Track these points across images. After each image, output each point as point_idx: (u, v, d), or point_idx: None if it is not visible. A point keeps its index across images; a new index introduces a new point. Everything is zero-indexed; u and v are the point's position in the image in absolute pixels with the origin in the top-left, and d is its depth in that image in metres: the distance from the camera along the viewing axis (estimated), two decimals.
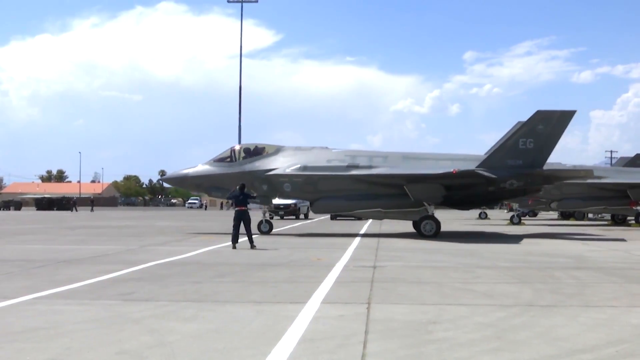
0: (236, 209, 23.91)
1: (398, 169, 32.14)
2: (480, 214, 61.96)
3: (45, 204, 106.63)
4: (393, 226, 41.62)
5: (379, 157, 33.19)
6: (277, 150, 33.51)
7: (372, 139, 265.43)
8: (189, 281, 14.14)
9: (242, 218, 23.61)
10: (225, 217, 58.88)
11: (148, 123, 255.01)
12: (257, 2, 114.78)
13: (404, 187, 30.58)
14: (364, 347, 8.04)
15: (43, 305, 10.90)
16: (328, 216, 58.42)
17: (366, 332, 8.82)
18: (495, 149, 32.95)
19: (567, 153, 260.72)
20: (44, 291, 12.31)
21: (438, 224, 30.78)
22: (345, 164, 32.37)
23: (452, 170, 29.04)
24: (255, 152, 33.32)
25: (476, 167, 30.92)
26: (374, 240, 27.98)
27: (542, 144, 31.30)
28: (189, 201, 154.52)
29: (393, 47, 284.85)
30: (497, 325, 9.47)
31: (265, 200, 33.40)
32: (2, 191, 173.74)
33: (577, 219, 56.82)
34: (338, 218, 54.51)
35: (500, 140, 35.87)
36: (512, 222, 46.89)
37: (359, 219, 43.19)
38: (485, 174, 29.52)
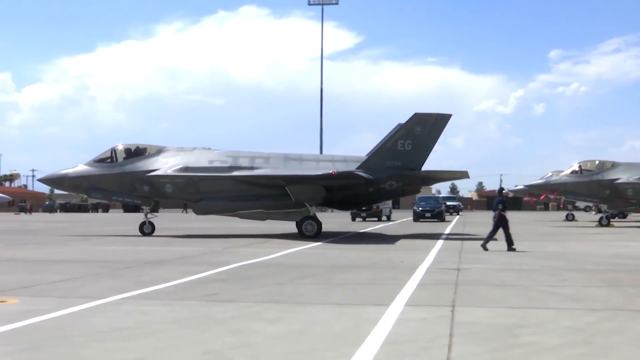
0: (500, 212, 23.60)
1: (280, 169, 32.15)
2: (567, 216, 60.55)
3: (132, 206, 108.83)
4: (477, 228, 41.12)
5: (261, 158, 33.18)
6: (159, 150, 33.26)
7: (454, 140, 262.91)
8: (272, 282, 14.21)
9: (503, 221, 23.51)
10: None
11: (230, 126, 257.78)
12: (337, 4, 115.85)
13: (286, 188, 30.44)
14: (449, 350, 7.92)
15: (130, 305, 11.10)
16: (410, 218, 58.12)
17: (450, 335, 8.69)
18: (375, 151, 33.15)
19: None
20: (131, 292, 12.52)
21: (319, 224, 30.76)
22: (227, 164, 32.30)
23: (331, 171, 29.05)
24: (137, 153, 32.99)
25: (356, 168, 31.09)
26: (458, 242, 27.68)
27: (420, 145, 32.10)
28: None
29: (476, 46, 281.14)
30: (585, 329, 9.22)
31: (146, 201, 33.23)
32: None
33: None
34: (421, 220, 54.21)
35: (380, 142, 35.59)
36: (600, 223, 45.74)
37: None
38: (364, 175, 29.63)
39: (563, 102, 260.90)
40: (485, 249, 22.63)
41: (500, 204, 23.26)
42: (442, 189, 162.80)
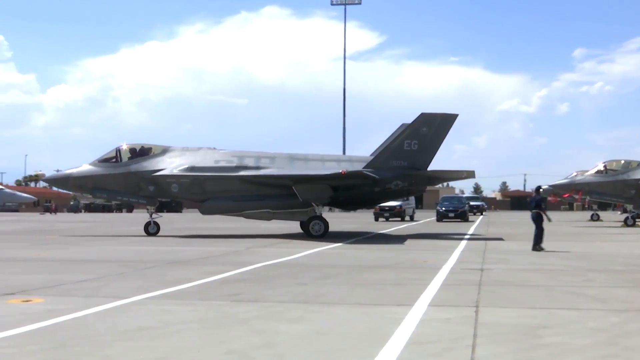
0: (534, 210, 23.50)
1: (286, 169, 32.27)
2: (592, 216, 60.11)
3: (162, 205, 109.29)
4: (501, 228, 40.97)
5: (267, 158, 33.22)
6: (164, 150, 33.10)
7: (477, 140, 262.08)
8: (295, 282, 14.22)
9: (538, 219, 23.29)
10: (327, 218, 58.86)
11: (253, 126, 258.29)
12: (360, 4, 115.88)
13: (292, 187, 30.49)
14: (473, 351, 7.89)
15: (153, 305, 11.15)
16: (433, 218, 57.97)
17: (474, 336, 8.65)
18: (381, 151, 33.25)
19: None
20: (154, 291, 12.58)
21: (326, 224, 30.83)
22: (233, 164, 32.30)
23: (340, 171, 29.17)
24: (141, 153, 32.80)
25: (362, 168, 31.20)
26: (481, 242, 27.57)
27: (426, 145, 32.20)
28: None
29: (499, 45, 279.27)
30: (610, 330, 9.15)
31: (151, 201, 33.06)
32: None
33: None
34: (445, 220, 54.00)
35: (385, 141, 36.11)
36: (626, 223, 45.35)
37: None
38: (373, 175, 29.80)
39: (587, 101, 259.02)
40: (541, 249, 22.67)
41: (542, 202, 23.28)
42: (465, 188, 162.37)
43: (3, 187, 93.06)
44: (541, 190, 24.50)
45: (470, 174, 33.74)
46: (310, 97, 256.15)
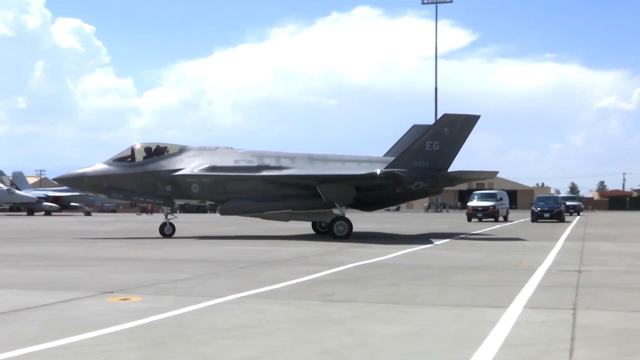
0: None
1: (308, 169, 31.88)
2: None
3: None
4: (600, 229, 39.97)
5: (287, 158, 32.78)
6: (181, 150, 32.51)
7: (574, 139, 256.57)
8: (387, 283, 14.16)
9: None
10: (420, 219, 58.68)
11: (344, 127, 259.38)
12: (452, 2, 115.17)
13: (317, 188, 30.01)
14: (570, 354, 7.68)
15: (248, 304, 11.25)
16: (528, 218, 56.98)
17: (572, 339, 8.43)
18: (403, 151, 32.69)
19: None
20: (248, 291, 12.69)
21: (350, 224, 30.14)
22: (254, 164, 31.90)
23: (376, 171, 28.92)
24: (157, 152, 32.19)
25: (385, 168, 30.61)
26: (578, 243, 26.94)
27: (448, 146, 31.96)
28: None
29: (596, 41, 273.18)
30: None
31: (168, 202, 32.69)
32: None
33: None
34: (540, 220, 52.94)
35: (397, 143, 35.61)
36: None
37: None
38: (405, 175, 29.45)
39: None
40: None
41: None
42: (561, 188, 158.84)
43: None
44: None
45: (492, 175, 33.59)
46: (401, 97, 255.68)
